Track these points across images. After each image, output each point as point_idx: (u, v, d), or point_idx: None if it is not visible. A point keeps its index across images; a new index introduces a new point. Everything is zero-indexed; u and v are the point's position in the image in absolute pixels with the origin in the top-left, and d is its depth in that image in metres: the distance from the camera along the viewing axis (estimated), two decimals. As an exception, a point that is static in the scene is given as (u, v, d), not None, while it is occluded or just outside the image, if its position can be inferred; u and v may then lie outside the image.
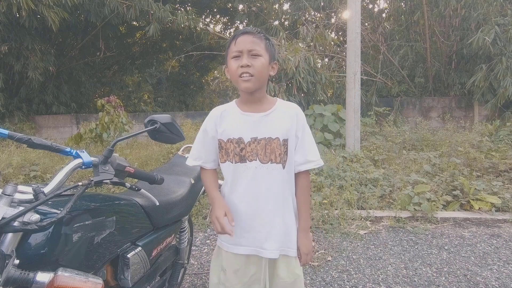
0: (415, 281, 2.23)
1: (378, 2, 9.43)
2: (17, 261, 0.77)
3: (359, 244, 2.79)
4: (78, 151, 1.00)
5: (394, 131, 5.97)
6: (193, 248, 2.68)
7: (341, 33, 9.15)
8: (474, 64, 7.39)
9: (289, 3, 9.62)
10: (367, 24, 8.59)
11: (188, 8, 9.60)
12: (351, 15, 4.95)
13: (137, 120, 7.60)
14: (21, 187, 0.86)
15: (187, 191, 1.62)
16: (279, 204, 1.17)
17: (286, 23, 9.92)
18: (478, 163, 4.24)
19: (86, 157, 0.99)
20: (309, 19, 8.63)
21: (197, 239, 2.90)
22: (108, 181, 0.99)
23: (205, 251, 2.70)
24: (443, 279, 2.25)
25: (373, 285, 2.18)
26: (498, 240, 2.86)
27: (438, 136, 5.68)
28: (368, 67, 7.96)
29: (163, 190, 1.49)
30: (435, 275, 2.30)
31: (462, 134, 5.66)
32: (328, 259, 2.52)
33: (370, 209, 3.38)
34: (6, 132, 0.91)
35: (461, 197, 3.51)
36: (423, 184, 3.65)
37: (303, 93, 6.34)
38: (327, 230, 3.02)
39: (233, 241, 1.18)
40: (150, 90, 13.12)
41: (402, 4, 8.52)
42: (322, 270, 2.37)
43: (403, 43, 8.26)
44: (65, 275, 0.81)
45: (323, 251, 2.64)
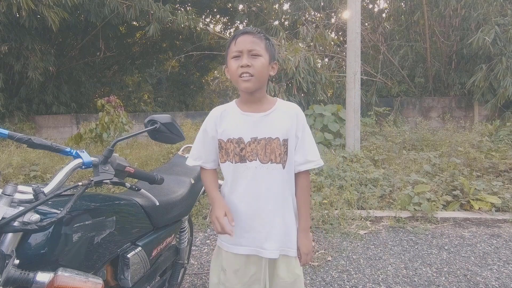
0: (415, 281, 2.23)
1: (378, 2, 9.44)
2: (17, 261, 0.77)
3: (359, 244, 2.79)
4: (78, 151, 1.00)
5: (394, 131, 5.97)
6: (193, 248, 2.68)
7: (341, 33, 9.15)
8: (474, 64, 7.39)
9: (289, 3, 9.61)
10: (367, 24, 8.59)
11: (188, 8, 9.60)
12: (351, 15, 4.95)
13: (137, 120, 7.60)
14: (21, 187, 0.86)
15: (187, 191, 1.62)
16: (279, 204, 1.17)
17: (286, 23, 9.92)
18: (478, 163, 4.24)
19: (86, 157, 0.99)
20: (309, 19, 8.63)
21: (197, 239, 2.90)
22: (108, 181, 0.99)
23: (205, 251, 2.70)
24: (443, 279, 2.25)
25: (373, 285, 2.18)
26: (498, 240, 2.86)
27: (438, 136, 5.68)
28: (368, 67, 7.96)
29: (163, 190, 1.49)
30: (435, 275, 2.30)
31: (462, 134, 5.66)
32: (328, 259, 2.52)
33: (370, 209, 3.38)
34: (6, 132, 0.91)
35: (461, 197, 3.51)
36: (423, 184, 3.65)
37: (303, 93, 6.34)
38: (327, 230, 3.02)
39: (233, 241, 1.18)
40: (150, 90, 13.12)
41: (402, 4, 8.51)
42: (322, 270, 2.37)
43: (403, 43, 8.26)
44: (65, 275, 0.81)
45: (323, 251, 2.64)
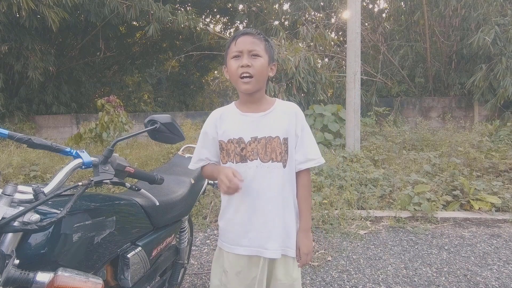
0: (415, 281, 2.23)
1: (378, 2, 9.44)
2: (17, 261, 0.77)
3: (359, 244, 2.79)
4: (78, 151, 1.00)
5: (394, 131, 5.97)
6: (193, 248, 2.68)
7: (341, 33, 9.15)
8: (474, 64, 7.39)
9: (289, 3, 9.61)
10: (367, 24, 8.59)
11: (188, 8, 9.60)
12: (351, 15, 4.95)
13: (137, 120, 7.60)
14: (21, 187, 0.85)
15: (187, 191, 1.62)
16: (280, 203, 1.17)
17: (286, 23, 9.92)
18: (478, 163, 4.24)
19: (86, 157, 0.99)
20: (309, 19, 8.62)
21: (197, 239, 2.90)
22: (108, 181, 0.99)
23: (205, 251, 2.70)
24: (443, 279, 2.25)
25: (373, 285, 2.18)
26: (498, 240, 2.86)
27: (438, 136, 5.68)
28: (368, 67, 7.96)
29: (163, 190, 1.49)
30: (435, 275, 2.30)
31: (462, 134, 5.66)
32: (328, 259, 2.52)
33: (370, 209, 3.38)
34: (6, 132, 0.91)
35: (461, 197, 3.51)
36: (423, 184, 3.65)
37: (303, 93, 6.34)
38: (327, 230, 3.02)
39: (234, 241, 1.18)
40: (150, 90, 13.12)
41: (402, 4, 8.51)
42: (322, 270, 2.37)
43: (403, 43, 8.26)
44: (65, 275, 0.81)
45: (323, 251, 2.65)
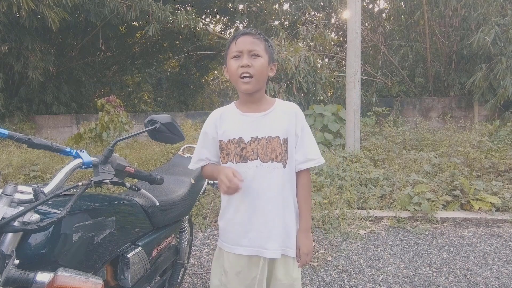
0: (415, 281, 2.23)
1: (378, 2, 9.44)
2: (17, 261, 0.77)
3: (359, 244, 2.79)
4: (78, 151, 1.00)
5: (394, 131, 5.97)
6: (193, 248, 2.68)
7: (341, 33, 9.14)
8: (474, 64, 7.39)
9: (289, 3, 9.61)
10: (367, 24, 8.59)
11: (188, 8, 9.60)
12: (351, 15, 4.95)
13: (137, 120, 7.60)
14: (21, 187, 0.85)
15: (187, 191, 1.62)
16: (280, 203, 1.17)
17: (286, 23, 9.92)
18: (478, 163, 4.24)
19: (86, 157, 0.99)
20: (309, 19, 8.62)
21: (197, 239, 2.90)
22: (108, 181, 0.99)
23: (205, 251, 2.70)
24: (443, 279, 2.25)
25: (373, 285, 2.18)
26: (498, 240, 2.86)
27: (438, 136, 5.68)
28: (368, 67, 7.95)
29: (163, 190, 1.49)
30: (435, 275, 2.30)
31: (462, 134, 5.66)
32: (328, 259, 2.52)
33: (370, 209, 3.38)
34: (6, 132, 0.91)
35: (461, 197, 3.51)
36: (423, 184, 3.65)
37: (303, 93, 6.34)
38: (327, 230, 3.02)
39: (234, 241, 1.18)
40: (150, 90, 13.12)
41: (402, 4, 8.51)
42: (322, 270, 2.37)
43: (403, 43, 8.26)
44: (65, 275, 0.81)
45: (323, 251, 2.65)
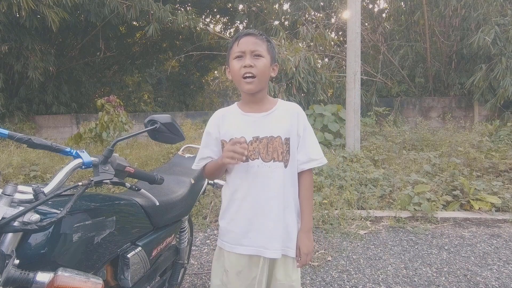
0: (415, 281, 2.23)
1: (378, 2, 9.44)
2: (17, 261, 0.77)
3: (359, 244, 2.79)
4: (78, 151, 1.00)
5: (394, 131, 5.97)
6: (193, 248, 2.68)
7: (341, 33, 9.15)
8: (474, 64, 7.39)
9: (289, 3, 9.61)
10: (367, 24, 8.59)
11: (188, 8, 9.60)
12: (351, 15, 4.95)
13: (137, 120, 7.60)
14: (21, 187, 0.85)
15: (187, 191, 1.62)
16: (281, 203, 1.17)
17: (286, 23, 9.91)
18: (478, 163, 4.24)
19: (86, 157, 0.99)
20: (309, 19, 8.62)
21: (197, 239, 2.90)
22: (108, 181, 0.99)
23: (205, 251, 2.70)
24: (443, 279, 2.25)
25: (373, 285, 2.18)
26: (498, 240, 2.86)
27: (438, 136, 5.68)
28: (368, 67, 7.95)
29: (163, 190, 1.49)
30: (435, 275, 2.30)
31: (462, 134, 5.66)
32: (328, 259, 2.52)
33: (370, 209, 3.38)
34: (6, 132, 0.91)
35: (461, 197, 3.51)
36: (423, 184, 3.65)
37: (303, 93, 6.34)
38: (327, 230, 3.02)
39: (235, 240, 1.18)
40: (150, 90, 13.12)
41: (402, 4, 8.51)
42: (322, 270, 2.37)
43: (403, 43, 8.26)
44: (65, 275, 0.81)
45: (323, 251, 2.65)
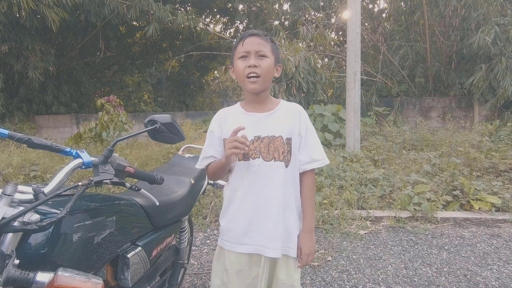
0: (415, 281, 2.23)
1: (378, 2, 9.44)
2: (17, 261, 0.77)
3: (359, 244, 2.79)
4: (78, 151, 1.00)
5: (394, 131, 5.97)
6: (193, 248, 2.68)
7: (341, 33, 9.15)
8: (474, 64, 7.39)
9: (289, 3, 9.61)
10: (367, 24, 8.59)
11: (188, 8, 9.60)
12: (351, 15, 4.95)
13: (137, 120, 7.60)
14: (21, 187, 0.85)
15: (187, 191, 1.62)
16: (281, 203, 1.17)
17: (286, 23, 9.91)
18: (478, 163, 4.24)
19: (86, 157, 0.99)
20: (309, 19, 8.62)
21: (197, 239, 2.90)
22: (108, 181, 0.99)
23: (205, 251, 2.70)
24: (443, 279, 2.25)
25: (373, 285, 2.18)
26: (498, 240, 2.86)
27: (438, 136, 5.68)
28: (368, 67, 7.95)
29: (163, 190, 1.49)
30: (435, 275, 2.30)
31: (462, 134, 5.66)
32: (328, 259, 2.52)
33: (370, 209, 3.38)
34: (6, 132, 0.91)
35: (461, 197, 3.51)
36: (423, 184, 3.65)
37: (303, 93, 6.34)
38: (327, 230, 3.02)
39: (236, 239, 1.18)
40: (150, 90, 13.12)
41: (402, 4, 8.51)
42: (322, 270, 2.37)
43: (403, 43, 8.26)
44: (65, 275, 0.81)
45: (323, 251, 2.65)
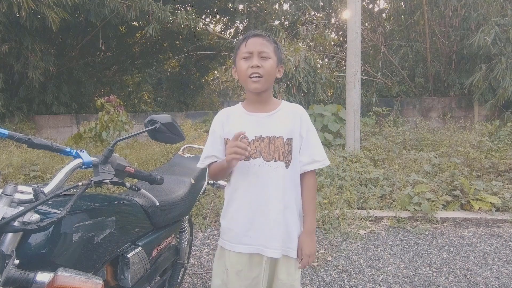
0: (415, 281, 2.23)
1: (378, 2, 9.44)
2: (17, 261, 0.77)
3: (359, 244, 2.79)
4: (78, 151, 1.00)
5: (394, 131, 5.97)
6: (193, 248, 2.68)
7: (341, 33, 9.15)
8: (474, 64, 7.39)
9: (289, 3, 9.62)
10: (367, 24, 8.59)
11: (188, 8, 9.60)
12: (351, 15, 4.94)
13: (137, 120, 7.61)
14: (21, 187, 0.85)
15: (187, 191, 1.62)
16: (281, 203, 1.17)
17: (286, 23, 9.92)
18: (478, 163, 4.24)
19: (86, 157, 0.99)
20: (309, 19, 8.62)
21: (197, 239, 2.90)
22: (108, 181, 0.99)
23: (205, 251, 2.70)
24: (443, 279, 2.25)
25: (373, 285, 2.18)
26: (498, 240, 2.86)
27: (438, 136, 5.68)
28: (368, 67, 7.95)
29: (163, 190, 1.49)
30: (435, 275, 2.30)
31: (462, 134, 5.66)
32: (328, 259, 2.52)
33: (370, 209, 3.38)
34: (6, 132, 0.91)
35: (461, 197, 3.51)
36: (423, 184, 3.65)
37: (303, 93, 6.34)
38: (327, 230, 3.02)
39: (236, 239, 1.19)
40: (150, 90, 13.12)
41: (402, 4, 8.51)
42: (322, 270, 2.37)
43: (403, 43, 8.26)
44: (65, 275, 0.81)
45: (323, 251, 2.65)
